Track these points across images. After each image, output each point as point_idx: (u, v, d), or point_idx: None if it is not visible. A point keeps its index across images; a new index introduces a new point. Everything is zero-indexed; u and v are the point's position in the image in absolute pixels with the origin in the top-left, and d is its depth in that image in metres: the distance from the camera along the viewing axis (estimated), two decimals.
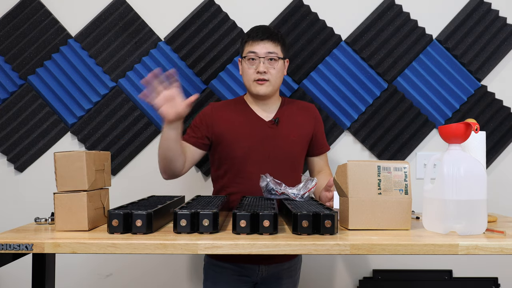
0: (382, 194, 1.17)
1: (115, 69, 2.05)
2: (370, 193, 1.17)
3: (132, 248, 1.00)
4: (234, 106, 1.69)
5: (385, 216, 1.16)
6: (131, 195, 1.89)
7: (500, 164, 2.11)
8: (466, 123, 1.16)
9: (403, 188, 1.17)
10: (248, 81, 1.63)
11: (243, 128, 1.63)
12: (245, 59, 1.62)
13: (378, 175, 1.17)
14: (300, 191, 1.41)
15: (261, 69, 1.58)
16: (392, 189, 1.17)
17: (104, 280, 2.05)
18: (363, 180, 1.17)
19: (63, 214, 1.13)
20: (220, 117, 1.65)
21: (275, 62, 1.61)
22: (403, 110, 2.07)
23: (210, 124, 1.64)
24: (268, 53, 1.59)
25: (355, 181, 1.17)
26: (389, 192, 1.17)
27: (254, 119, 1.65)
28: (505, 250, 1.01)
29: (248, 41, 1.63)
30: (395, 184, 1.17)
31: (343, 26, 2.09)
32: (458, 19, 2.09)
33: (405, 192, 1.17)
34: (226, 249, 1.01)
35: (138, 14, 2.07)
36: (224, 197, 1.48)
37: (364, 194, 1.17)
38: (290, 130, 1.66)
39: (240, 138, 1.61)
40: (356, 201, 1.16)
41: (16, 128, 2.03)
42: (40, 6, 2.05)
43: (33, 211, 1.63)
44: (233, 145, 1.61)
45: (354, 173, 1.17)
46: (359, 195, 1.17)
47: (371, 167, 1.18)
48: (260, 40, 1.60)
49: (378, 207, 1.16)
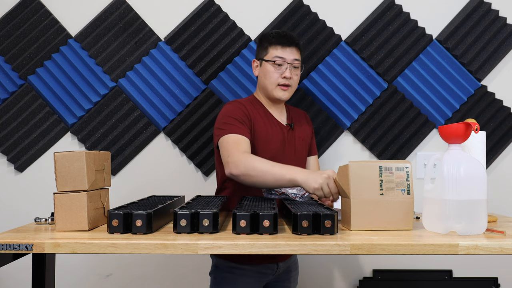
0: (384, 194, 1.16)
1: (115, 69, 2.05)
2: (372, 194, 1.15)
3: (132, 248, 1.00)
4: (254, 107, 1.65)
5: (387, 217, 1.15)
6: (131, 195, 1.90)
7: (500, 164, 2.11)
8: (466, 123, 1.16)
9: (405, 188, 1.16)
10: (271, 84, 1.61)
11: (270, 130, 1.62)
12: (270, 63, 1.61)
13: (380, 176, 1.16)
14: (300, 191, 1.41)
15: (288, 74, 1.59)
16: (394, 190, 1.16)
17: (104, 280, 2.05)
18: (364, 181, 1.16)
19: (63, 214, 1.13)
20: (253, 116, 1.61)
21: (298, 69, 1.64)
22: (403, 110, 2.07)
23: (250, 119, 1.59)
24: (294, 60, 1.61)
25: (357, 182, 1.16)
26: (391, 193, 1.16)
27: (275, 123, 1.66)
28: (505, 250, 1.01)
29: (275, 45, 1.61)
30: (397, 184, 1.16)
31: (343, 26, 2.09)
32: (458, 19, 2.09)
33: (407, 192, 1.16)
34: (226, 249, 1.01)
35: (138, 14, 2.07)
36: (224, 197, 1.48)
37: (366, 195, 1.16)
38: (300, 134, 1.71)
39: (269, 140, 1.61)
40: (358, 202, 1.15)
41: (16, 128, 2.03)
42: (40, 6, 2.05)
43: (33, 211, 1.64)
44: (264, 146, 1.59)
45: (355, 174, 1.16)
46: (361, 196, 1.16)
47: (373, 167, 1.17)
48: (288, 46, 1.61)
49: (380, 208, 1.15)
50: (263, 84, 1.64)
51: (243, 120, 1.55)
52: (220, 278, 1.59)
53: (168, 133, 2.05)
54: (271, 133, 1.62)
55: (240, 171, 1.41)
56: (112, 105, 2.04)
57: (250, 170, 1.40)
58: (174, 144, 2.06)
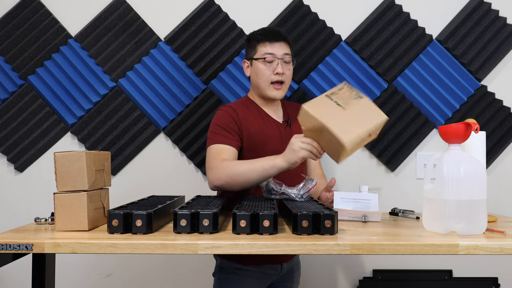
0: (345, 107, 1.27)
1: (115, 69, 2.05)
2: (337, 112, 1.26)
3: (132, 248, 1.00)
4: (248, 109, 1.64)
5: (361, 119, 1.26)
6: (131, 195, 1.90)
7: (500, 164, 2.11)
8: (466, 123, 1.16)
9: (356, 96, 1.30)
10: (264, 82, 1.60)
11: (266, 130, 1.61)
12: (260, 61, 1.59)
13: (331, 99, 1.29)
14: (300, 191, 1.41)
15: (280, 70, 1.57)
16: (350, 101, 1.28)
17: (104, 280, 2.05)
18: (326, 108, 1.27)
19: (63, 214, 1.13)
20: (245, 119, 1.60)
21: (289, 64, 1.62)
22: (403, 110, 2.07)
23: (239, 125, 1.58)
24: (285, 54, 1.59)
25: (320, 112, 1.26)
26: (349, 104, 1.28)
27: (271, 121, 1.65)
28: (505, 250, 1.01)
29: (263, 42, 1.60)
30: (349, 97, 1.29)
31: (343, 26, 2.09)
32: (458, 19, 2.09)
33: (360, 97, 1.29)
34: (226, 249, 1.01)
35: (138, 14, 2.07)
36: (224, 197, 1.48)
37: (333, 115, 1.26)
38: (299, 130, 1.67)
39: (267, 141, 1.59)
40: (331, 121, 1.23)
41: (16, 128, 2.03)
42: (40, 6, 2.05)
43: (33, 211, 1.63)
44: (262, 147, 1.57)
45: (314, 108, 1.27)
46: (330, 117, 1.25)
47: (323, 98, 1.29)
48: (276, 41, 1.59)
49: (350, 116, 1.25)
50: (256, 84, 1.63)
51: (230, 127, 1.55)
52: (224, 279, 1.59)
53: (168, 133, 2.05)
54: (267, 132, 1.61)
55: (223, 180, 1.45)
56: (112, 105, 2.04)
57: (232, 175, 1.43)
58: (174, 144, 2.06)
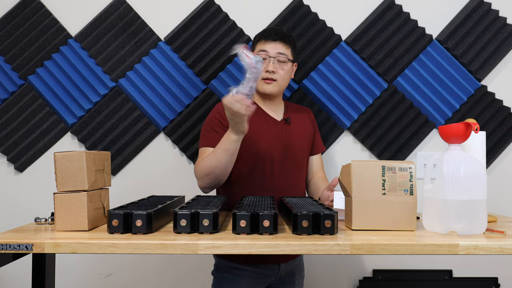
0: (387, 194, 1.16)
1: (115, 69, 2.05)
2: (374, 193, 1.15)
3: (132, 248, 1.00)
4: None
5: (390, 217, 1.15)
6: (131, 195, 1.90)
7: (500, 164, 2.11)
8: (466, 123, 1.16)
9: (408, 189, 1.16)
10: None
11: (261, 127, 1.63)
12: None
13: (382, 175, 1.16)
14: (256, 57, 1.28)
15: (270, 68, 1.60)
16: (397, 190, 1.16)
17: (104, 280, 2.05)
18: (367, 180, 1.16)
19: (63, 214, 1.13)
20: None
21: (284, 64, 1.63)
22: (403, 110, 2.07)
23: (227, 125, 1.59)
24: (278, 53, 1.61)
25: (359, 181, 1.16)
26: (393, 193, 1.16)
27: (268, 119, 1.66)
28: (505, 250, 1.01)
29: (260, 40, 1.65)
30: (400, 184, 1.16)
31: (343, 26, 2.09)
32: (458, 19, 2.09)
33: (410, 193, 1.16)
34: (226, 249, 1.01)
35: (138, 14, 2.07)
36: (224, 197, 1.48)
37: (368, 194, 1.16)
38: (300, 129, 1.70)
39: (261, 137, 1.61)
40: (360, 201, 1.16)
41: (16, 128, 2.03)
42: (40, 6, 2.05)
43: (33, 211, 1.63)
44: (257, 144, 1.59)
45: (358, 173, 1.17)
46: (362, 195, 1.16)
47: (376, 167, 1.17)
48: (272, 40, 1.62)
49: (382, 207, 1.15)
50: None
51: (218, 128, 1.59)
52: (220, 278, 1.59)
53: (168, 133, 2.05)
54: (263, 129, 1.62)
55: (203, 180, 1.51)
56: (112, 105, 2.04)
57: (207, 172, 1.48)
58: (174, 144, 2.06)
